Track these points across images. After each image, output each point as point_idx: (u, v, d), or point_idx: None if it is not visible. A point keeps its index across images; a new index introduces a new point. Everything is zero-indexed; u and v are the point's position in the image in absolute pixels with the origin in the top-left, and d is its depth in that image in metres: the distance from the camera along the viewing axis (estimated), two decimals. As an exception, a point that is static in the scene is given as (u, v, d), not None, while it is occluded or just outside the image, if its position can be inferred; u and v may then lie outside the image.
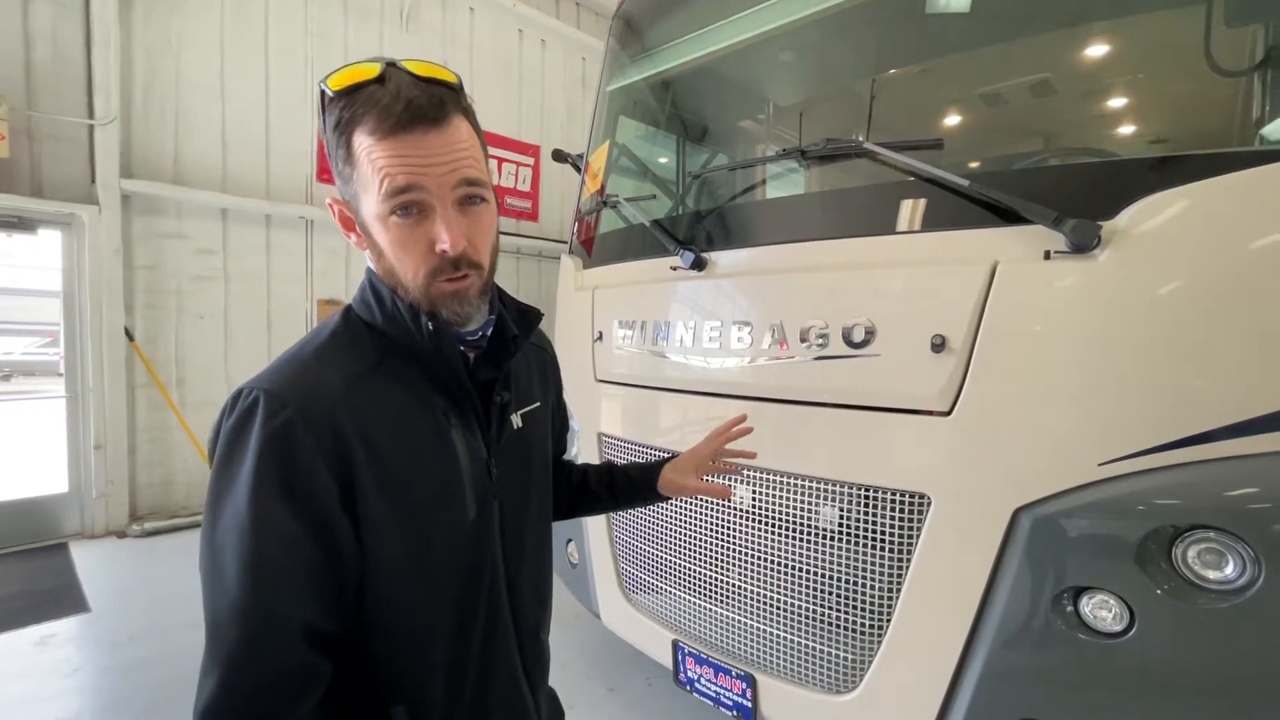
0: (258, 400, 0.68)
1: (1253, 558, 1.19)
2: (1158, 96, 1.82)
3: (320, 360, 0.74)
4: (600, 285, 2.46)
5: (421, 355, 0.77)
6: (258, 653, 0.65)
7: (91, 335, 4.29)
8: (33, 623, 3.17)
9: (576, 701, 2.58)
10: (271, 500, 0.65)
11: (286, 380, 0.71)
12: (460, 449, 0.80)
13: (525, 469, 0.92)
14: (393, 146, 0.68)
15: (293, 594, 0.67)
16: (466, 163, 0.71)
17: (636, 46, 2.77)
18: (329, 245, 5.50)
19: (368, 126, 0.68)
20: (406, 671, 0.77)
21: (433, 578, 0.78)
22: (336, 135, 0.71)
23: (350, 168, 0.71)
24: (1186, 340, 1.28)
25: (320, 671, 0.69)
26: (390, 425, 0.74)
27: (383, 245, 0.73)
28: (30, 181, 4.05)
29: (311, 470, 0.67)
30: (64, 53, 4.14)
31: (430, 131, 0.69)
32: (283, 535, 0.66)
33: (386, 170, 0.68)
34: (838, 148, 1.80)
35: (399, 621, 0.76)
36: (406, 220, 0.70)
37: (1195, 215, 1.30)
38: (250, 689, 0.65)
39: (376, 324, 0.79)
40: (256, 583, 0.65)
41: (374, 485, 0.71)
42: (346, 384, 0.72)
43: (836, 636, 1.70)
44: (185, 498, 4.82)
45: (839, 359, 1.66)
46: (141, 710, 2.51)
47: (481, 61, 6.45)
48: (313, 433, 0.68)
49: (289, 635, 0.66)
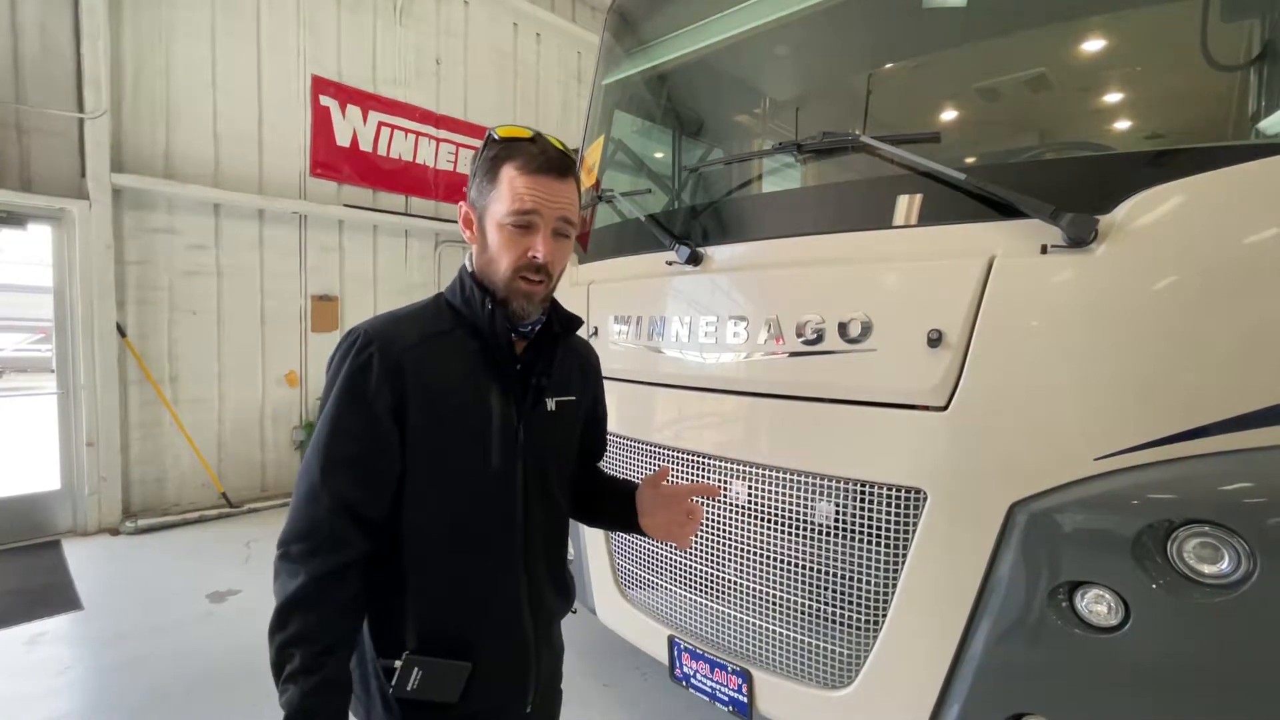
0: (358, 338, 0.97)
1: (1247, 552, 1.19)
2: (1154, 90, 1.81)
3: (407, 319, 1.03)
4: (596, 280, 2.45)
5: (482, 332, 1.02)
6: (310, 508, 0.93)
7: (83, 331, 4.26)
8: (24, 621, 3.15)
9: (571, 698, 2.56)
10: (347, 406, 0.95)
11: (378, 327, 0.99)
12: (495, 410, 1.02)
13: (549, 446, 1.11)
14: (529, 182, 0.96)
15: (341, 475, 0.93)
16: (570, 208, 1.00)
17: (631, 40, 2.76)
18: (322, 240, 5.47)
19: (517, 163, 0.97)
20: (421, 565, 1.00)
21: (451, 501, 1.00)
22: (490, 162, 0.99)
23: (491, 186, 0.98)
24: (1182, 334, 1.28)
25: (351, 539, 0.93)
26: (444, 374, 1.00)
27: (492, 242, 0.99)
28: (19, 175, 4.01)
29: (379, 389, 0.94)
30: (53, 45, 4.09)
31: (555, 180, 0.98)
32: (346, 432, 0.94)
33: (520, 194, 0.96)
34: (833, 141, 1.79)
35: (421, 527, 0.99)
36: (518, 230, 0.97)
37: (1191, 209, 1.29)
38: (301, 531, 0.92)
39: (457, 304, 1.05)
40: (323, 461, 0.94)
41: (421, 411, 0.97)
42: (420, 338, 1.00)
43: (832, 631, 1.70)
44: (178, 494, 4.80)
45: (835, 354, 1.66)
46: (132, 709, 2.50)
47: (476, 55, 6.42)
48: (385, 364, 0.95)
49: (333, 505, 0.92)
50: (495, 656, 1.04)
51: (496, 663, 1.04)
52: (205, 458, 4.87)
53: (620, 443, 2.28)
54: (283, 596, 0.90)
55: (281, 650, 0.89)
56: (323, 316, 5.49)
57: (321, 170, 5.41)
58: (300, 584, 0.89)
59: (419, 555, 0.99)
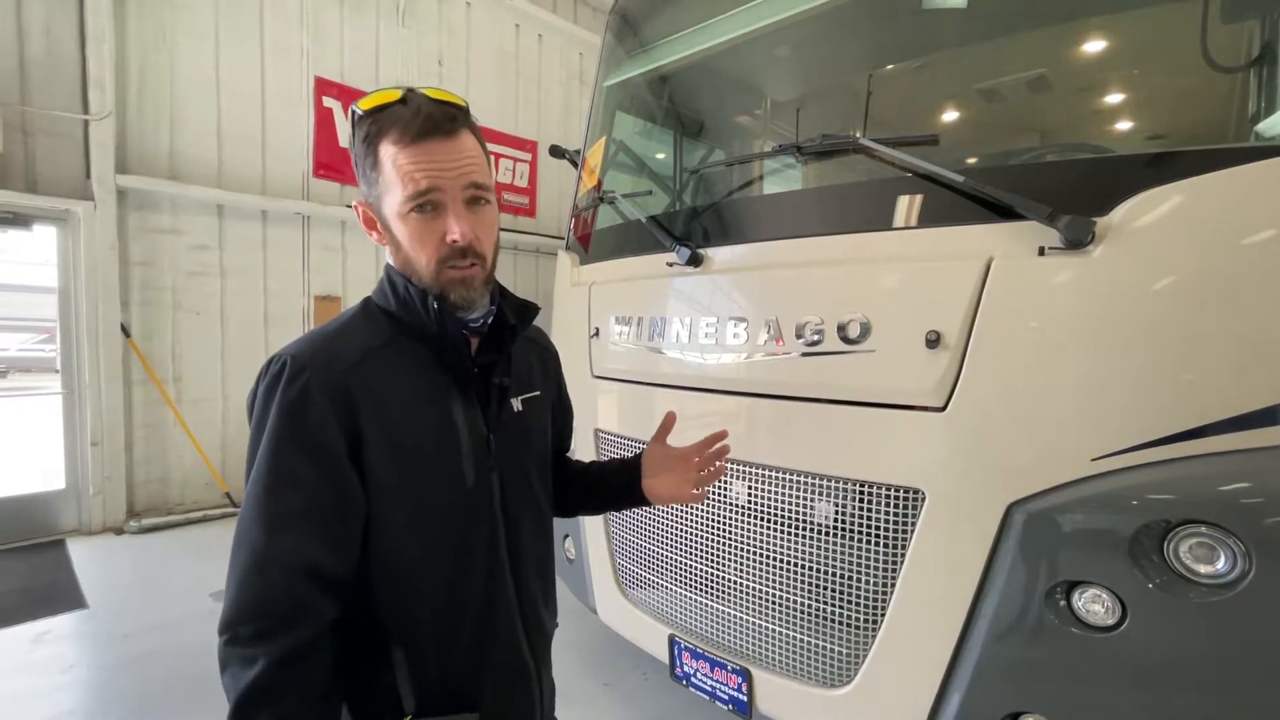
0: (285, 365, 0.80)
1: (1244, 552, 1.20)
2: (1152, 92, 1.82)
3: (340, 335, 0.87)
4: (597, 281, 2.46)
5: (429, 335, 0.88)
6: (256, 580, 0.76)
7: (87, 331, 4.28)
8: (29, 619, 3.17)
9: (573, 697, 2.59)
10: (287, 448, 0.78)
11: (308, 349, 0.83)
12: (460, 421, 0.89)
13: (525, 449, 1.01)
14: (413, 154, 0.80)
15: (294, 532, 0.77)
16: (474, 169, 0.84)
17: (633, 42, 2.77)
18: (325, 241, 5.48)
19: (392, 137, 0.81)
20: (405, 618, 0.86)
21: (430, 535, 0.87)
22: (365, 147, 0.83)
23: (376, 173, 0.83)
24: (1179, 336, 1.28)
25: (315, 607, 0.78)
26: (397, 392, 0.85)
27: (401, 239, 0.85)
28: (25, 177, 4.03)
29: (323, 425, 0.79)
30: (58, 47, 4.12)
31: (444, 141, 0.82)
32: (292, 479, 0.78)
33: (409, 173, 0.80)
34: (833, 143, 1.80)
35: (398, 572, 0.86)
36: (424, 216, 0.82)
37: (1189, 211, 1.30)
38: (250, 609, 0.76)
39: (391, 309, 0.90)
40: (267, 521, 0.77)
41: (379, 441, 0.82)
42: (360, 354, 0.84)
43: (831, 631, 1.71)
44: (181, 494, 4.82)
45: (834, 355, 1.67)
46: (135, 707, 2.51)
47: (478, 56, 6.43)
48: (326, 393, 0.79)
49: (288, 570, 0.76)
50: (500, 697, 0.94)
51: (502, 703, 0.94)
52: (209, 457, 4.89)
53: (621, 443, 2.29)
54: (240, 691, 0.74)
55: None
56: (325, 317, 5.48)
57: (324, 171, 5.43)
58: (259, 672, 0.73)
59: (400, 605, 0.86)
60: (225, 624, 0.77)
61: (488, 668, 0.92)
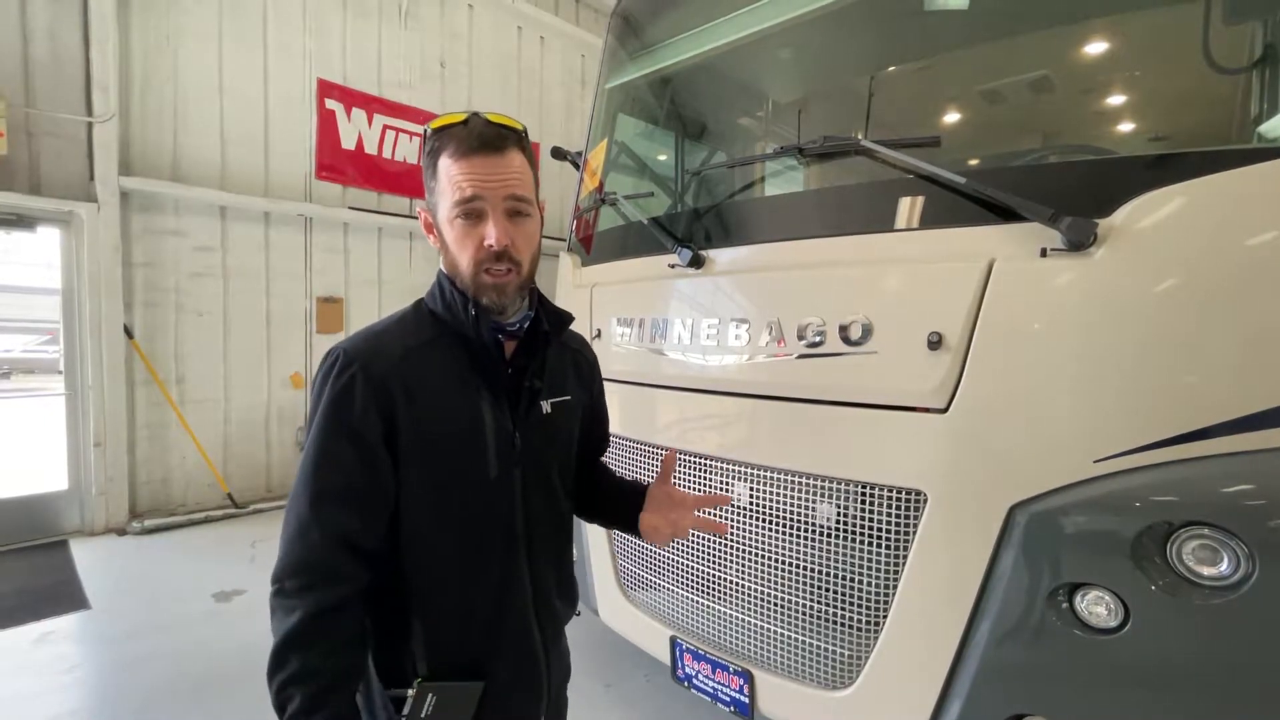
0: (337, 359, 0.92)
1: (1246, 554, 1.20)
2: (1154, 94, 1.82)
3: (387, 333, 0.98)
4: (598, 283, 2.46)
5: (467, 337, 0.97)
6: (302, 542, 0.88)
7: (91, 333, 4.29)
8: (32, 620, 3.18)
9: (574, 697, 2.57)
10: (333, 431, 0.90)
11: (358, 345, 0.94)
12: (487, 418, 0.98)
13: (549, 449, 1.08)
14: (464, 166, 0.91)
15: (332, 504, 0.89)
16: (516, 183, 0.93)
17: (635, 44, 2.77)
18: (327, 243, 5.50)
19: (449, 151, 0.92)
20: (425, 593, 0.96)
21: (450, 518, 0.97)
22: (429, 160, 0.94)
23: (434, 183, 0.94)
24: (1181, 338, 1.28)
25: (348, 571, 0.90)
26: (432, 387, 0.95)
27: (449, 241, 0.95)
28: (29, 179, 4.04)
29: (364, 414, 0.90)
30: (62, 49, 4.13)
31: (492, 156, 0.91)
32: (334, 458, 0.89)
33: (458, 183, 0.91)
34: (834, 145, 1.80)
35: (421, 551, 0.96)
36: (468, 222, 0.92)
37: (1191, 213, 1.30)
38: (294, 566, 0.88)
39: (438, 310, 1.00)
40: (312, 492, 0.89)
41: (411, 430, 0.92)
42: (403, 351, 0.95)
43: (833, 633, 1.71)
44: (184, 495, 4.83)
45: (835, 356, 1.67)
46: (138, 707, 2.52)
47: (480, 58, 6.44)
48: (370, 385, 0.90)
49: (326, 537, 0.88)
50: (507, 673, 1.01)
51: (509, 679, 1.01)
52: (211, 458, 4.90)
53: (622, 444, 2.29)
54: (280, 635, 0.86)
55: (282, 690, 0.85)
56: (328, 318, 5.52)
57: (326, 173, 5.44)
58: (297, 620, 0.85)
59: (422, 580, 0.96)
60: (275, 577, 0.89)
61: (499, 644, 1.01)
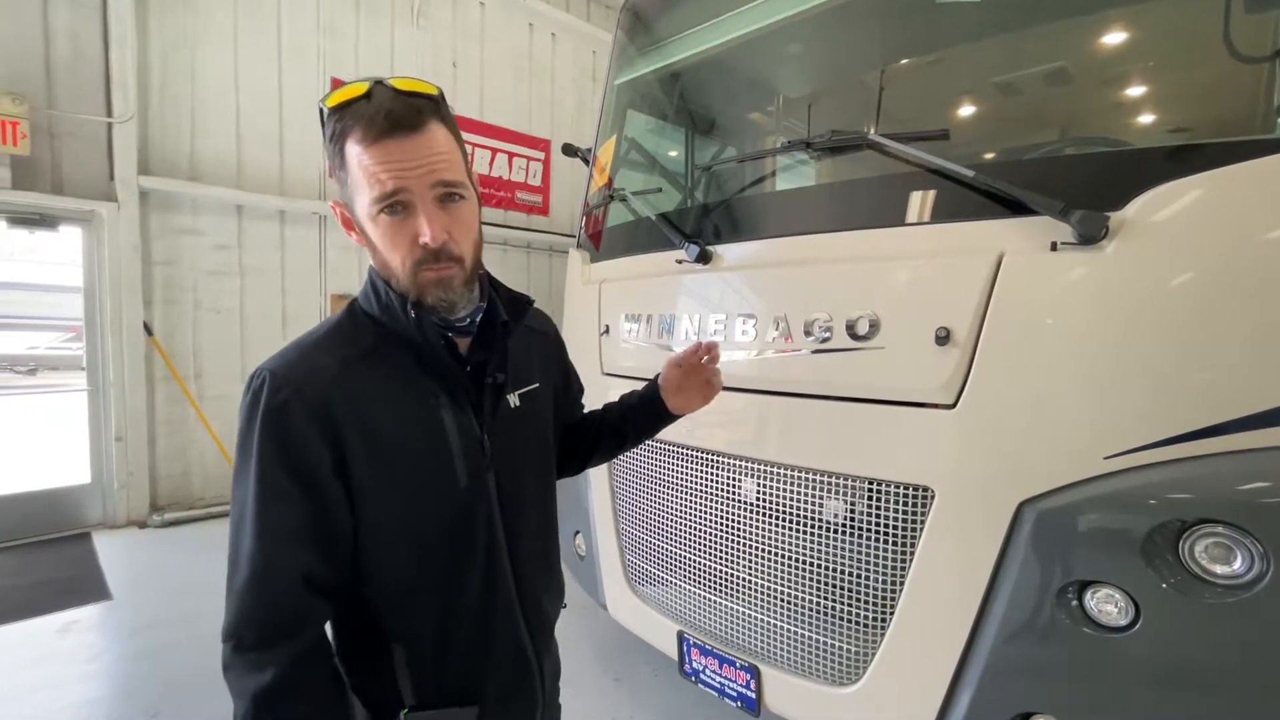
0: (264, 381, 0.79)
1: (1261, 553, 1.18)
2: (1169, 84, 1.78)
3: (319, 346, 0.85)
4: (607, 279, 2.47)
5: (411, 341, 0.86)
6: (256, 588, 0.77)
7: (111, 330, 4.38)
8: (56, 610, 3.26)
9: (583, 691, 2.60)
10: (272, 464, 0.78)
11: (287, 363, 0.81)
12: (449, 424, 0.88)
13: (524, 444, 1.00)
14: (377, 153, 0.77)
15: (289, 545, 0.78)
16: (442, 165, 0.80)
17: (644, 39, 2.77)
18: (342, 240, 5.55)
19: (356, 136, 0.77)
20: (401, 616, 0.88)
21: (422, 537, 0.87)
22: (333, 146, 0.80)
23: (345, 173, 0.81)
24: (1195, 332, 1.26)
25: (315, 611, 0.81)
26: (379, 402, 0.84)
27: (375, 241, 0.82)
28: (51, 179, 4.13)
29: (305, 440, 0.78)
30: (83, 51, 4.21)
31: (409, 138, 0.77)
32: (281, 494, 0.78)
33: (374, 174, 0.77)
34: (843, 139, 1.79)
35: (390, 573, 0.86)
36: (394, 218, 0.79)
37: (1206, 205, 1.27)
38: (251, 618, 0.77)
39: (374, 314, 0.88)
40: (258, 534, 0.77)
41: (363, 453, 0.82)
42: (340, 366, 0.82)
43: (840, 629, 1.70)
44: (203, 489, 4.91)
45: (843, 351, 1.66)
46: (159, 695, 2.57)
47: (492, 56, 6.46)
48: (307, 408, 0.79)
49: (286, 579, 0.78)
50: (500, 690, 0.94)
51: (503, 694, 0.94)
52: (229, 453, 4.98)
53: (631, 440, 2.29)
54: (251, 695, 0.75)
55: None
56: (342, 315, 5.59)
57: (341, 171, 5.50)
58: (272, 676, 0.75)
59: (400, 605, 0.87)
60: (229, 631, 0.78)
61: (488, 663, 0.92)
